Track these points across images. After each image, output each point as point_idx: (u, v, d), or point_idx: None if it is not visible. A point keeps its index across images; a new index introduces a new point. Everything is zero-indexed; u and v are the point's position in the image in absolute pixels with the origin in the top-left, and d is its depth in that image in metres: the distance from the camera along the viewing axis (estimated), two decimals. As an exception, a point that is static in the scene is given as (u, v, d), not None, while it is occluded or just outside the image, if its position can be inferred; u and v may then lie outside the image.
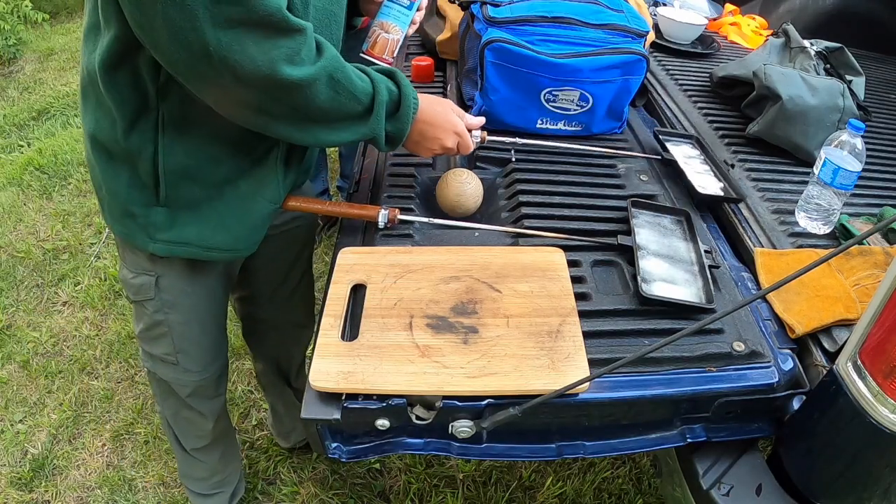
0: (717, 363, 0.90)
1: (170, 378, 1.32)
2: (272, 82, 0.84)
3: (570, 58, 1.26)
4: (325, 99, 0.91)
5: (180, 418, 1.42)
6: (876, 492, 0.84)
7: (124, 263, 1.18)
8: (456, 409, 0.84)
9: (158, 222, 1.05)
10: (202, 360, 1.30)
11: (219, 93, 0.88)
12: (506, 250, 1.05)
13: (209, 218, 1.06)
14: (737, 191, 1.19)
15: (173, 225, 1.05)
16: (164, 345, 1.25)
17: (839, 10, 2.14)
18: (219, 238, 1.09)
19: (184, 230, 1.06)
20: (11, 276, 2.52)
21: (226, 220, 1.07)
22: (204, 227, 1.07)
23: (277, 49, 0.83)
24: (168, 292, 1.17)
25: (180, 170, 1.00)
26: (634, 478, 1.81)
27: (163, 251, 1.08)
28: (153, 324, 1.22)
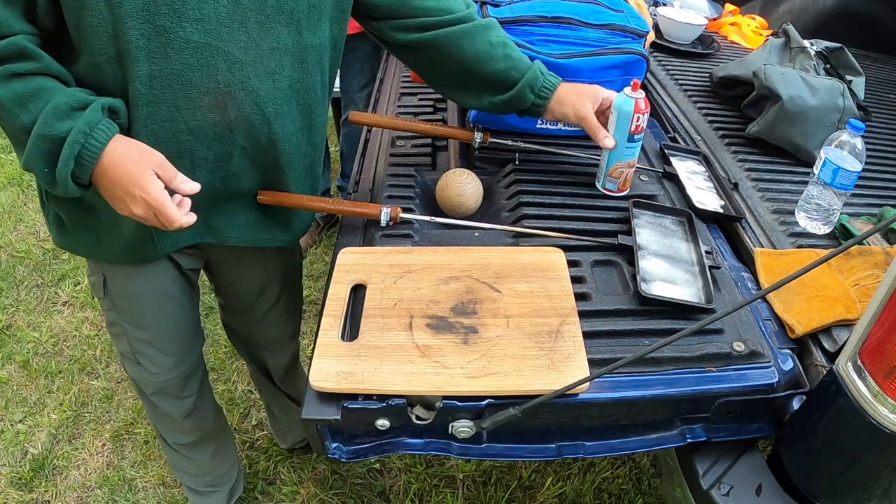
0: (717, 363, 0.90)
1: (135, 376, 1.33)
2: None
3: (570, 58, 1.26)
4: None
5: (154, 414, 1.43)
6: (876, 492, 0.84)
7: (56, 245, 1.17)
8: (456, 409, 0.84)
9: (51, 223, 1.09)
10: (162, 362, 1.28)
11: None
12: (506, 250, 1.05)
13: (86, 231, 1.06)
14: (737, 210, 1.19)
15: (61, 228, 1.08)
16: (123, 343, 1.26)
17: (839, 10, 2.14)
18: (101, 251, 1.09)
19: (69, 235, 1.08)
20: (11, 276, 2.52)
21: (100, 234, 1.06)
22: (83, 236, 1.08)
23: None
24: (116, 295, 1.18)
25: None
26: (634, 478, 1.81)
27: (60, 245, 1.12)
28: (110, 322, 1.25)
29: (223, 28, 0.89)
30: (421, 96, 1.57)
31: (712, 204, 1.21)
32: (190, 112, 0.93)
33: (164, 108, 0.92)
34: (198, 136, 0.96)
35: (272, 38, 0.94)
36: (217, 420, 1.53)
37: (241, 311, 1.41)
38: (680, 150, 1.38)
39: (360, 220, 1.15)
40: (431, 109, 1.51)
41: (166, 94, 0.91)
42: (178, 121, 0.93)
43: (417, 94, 1.58)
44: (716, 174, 1.30)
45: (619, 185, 1.19)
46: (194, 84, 0.91)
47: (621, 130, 1.12)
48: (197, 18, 0.87)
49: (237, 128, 0.98)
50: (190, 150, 0.97)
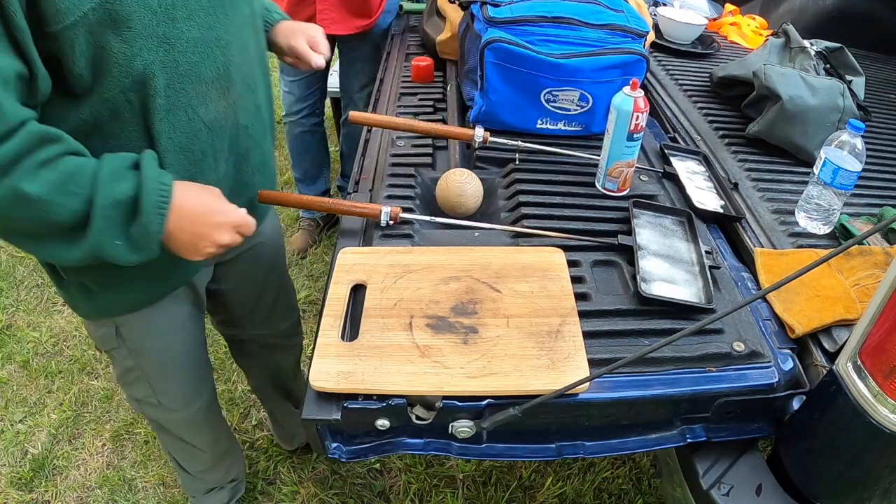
0: (717, 363, 0.90)
1: (158, 417, 1.30)
2: None
3: (570, 58, 1.26)
4: (28, 222, 0.78)
5: (178, 450, 1.42)
6: (876, 492, 0.84)
7: (86, 318, 1.13)
8: (456, 409, 0.84)
9: (76, 295, 1.03)
10: (184, 397, 1.28)
11: None
12: (506, 250, 1.05)
13: (115, 284, 1.02)
14: (737, 210, 1.19)
15: (89, 298, 1.03)
16: (142, 388, 1.22)
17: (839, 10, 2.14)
18: (135, 296, 1.06)
19: (102, 301, 1.04)
20: (11, 276, 2.52)
21: (133, 281, 1.02)
22: (119, 293, 1.04)
23: None
24: (131, 340, 1.13)
25: None
26: (634, 478, 1.81)
27: (93, 317, 1.08)
28: (126, 370, 1.19)
29: (209, 16, 0.91)
30: (421, 96, 1.57)
31: (712, 204, 1.21)
32: (203, 107, 0.94)
33: (182, 113, 0.92)
34: (214, 128, 0.97)
35: (239, 12, 0.98)
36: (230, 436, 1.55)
37: (248, 314, 1.40)
38: (680, 150, 1.38)
39: (360, 220, 1.15)
40: (431, 109, 1.51)
41: (181, 98, 0.90)
42: (196, 120, 0.94)
43: (417, 94, 1.58)
44: (716, 174, 1.30)
45: (618, 185, 1.19)
46: (202, 79, 0.92)
47: (620, 130, 1.12)
48: (186, 16, 0.87)
49: (238, 107, 1.01)
50: (210, 145, 0.98)
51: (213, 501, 1.60)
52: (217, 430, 1.44)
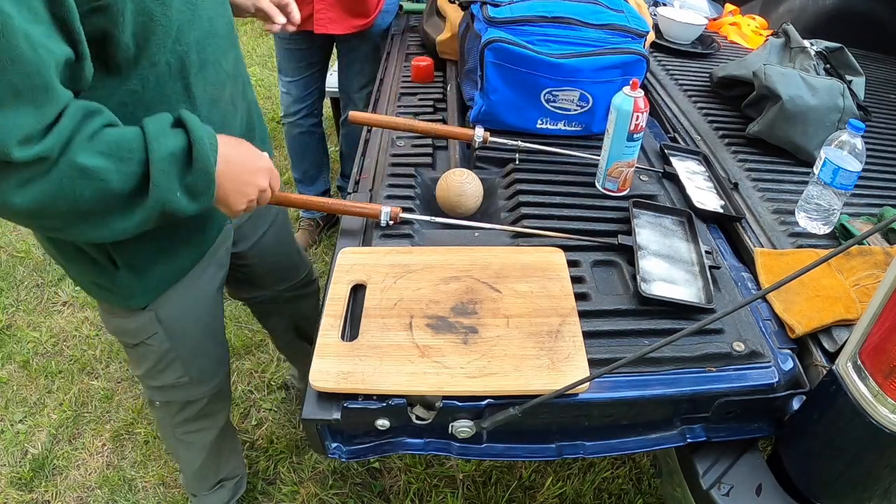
0: (717, 363, 0.90)
1: (184, 398, 1.32)
2: (12, 213, 0.77)
3: (570, 58, 1.26)
4: (88, 196, 0.79)
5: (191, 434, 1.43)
6: (876, 492, 0.84)
7: (112, 314, 1.14)
8: (456, 409, 0.84)
9: (127, 285, 1.05)
10: (212, 368, 1.31)
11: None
12: (506, 250, 1.05)
13: (166, 256, 1.06)
14: (737, 210, 1.19)
15: (143, 278, 1.05)
16: (175, 371, 1.23)
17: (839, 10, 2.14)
18: (191, 254, 1.11)
19: (152, 278, 1.07)
20: (11, 276, 2.52)
21: (183, 246, 1.08)
22: (167, 263, 1.07)
23: (6, 181, 0.74)
24: (169, 320, 1.15)
25: None
26: (634, 478, 1.81)
27: (143, 303, 1.10)
28: (161, 356, 1.20)
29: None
30: (421, 96, 1.57)
31: (712, 204, 1.21)
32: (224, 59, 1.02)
33: (211, 67, 0.98)
34: (232, 78, 1.05)
35: None
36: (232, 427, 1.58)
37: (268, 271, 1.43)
38: (680, 150, 1.38)
39: (360, 220, 1.15)
40: (431, 109, 1.51)
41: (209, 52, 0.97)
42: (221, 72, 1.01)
43: (417, 94, 1.58)
44: (716, 174, 1.30)
45: (618, 185, 1.19)
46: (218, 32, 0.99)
47: (620, 130, 1.12)
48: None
49: (238, 57, 1.09)
50: (231, 94, 1.05)
51: (215, 499, 1.60)
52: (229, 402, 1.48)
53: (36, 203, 0.75)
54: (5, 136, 0.70)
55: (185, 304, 1.16)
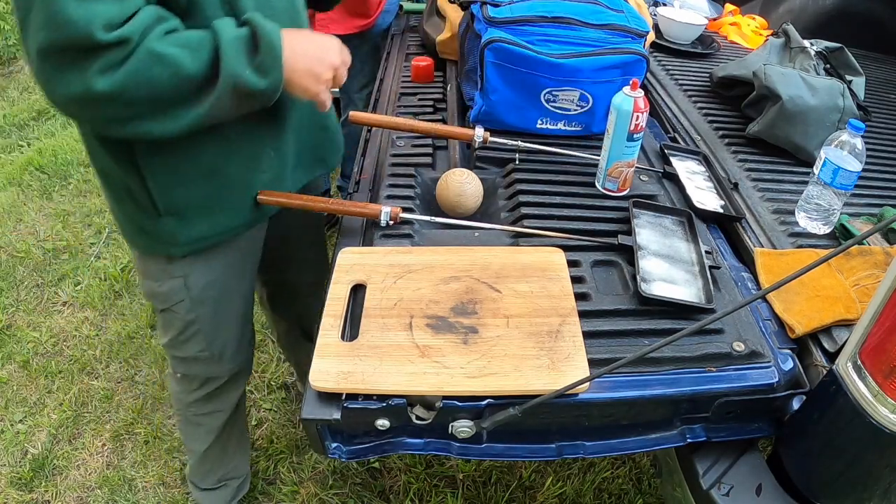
0: (717, 363, 0.90)
1: (203, 374, 1.34)
2: (93, 99, 0.83)
3: (570, 58, 1.26)
4: (164, 81, 0.85)
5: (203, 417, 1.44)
6: (876, 492, 0.84)
7: (146, 276, 1.19)
8: (456, 409, 0.84)
9: (170, 231, 1.08)
10: (234, 348, 1.33)
11: (74, 115, 0.91)
12: (506, 250, 1.05)
13: (213, 209, 1.08)
14: (737, 210, 1.19)
15: (184, 228, 1.08)
16: (198, 343, 1.26)
17: (839, 10, 2.14)
18: (231, 220, 1.12)
19: (195, 229, 1.09)
20: (11, 276, 2.52)
21: (231, 203, 1.10)
22: (212, 218, 1.09)
23: (89, 68, 0.80)
24: (197, 289, 1.18)
25: (163, 177, 1.02)
26: (634, 478, 1.81)
27: (184, 252, 1.11)
28: (185, 326, 1.23)
29: None
30: (421, 96, 1.57)
31: (712, 204, 1.21)
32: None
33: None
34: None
35: None
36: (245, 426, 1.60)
37: (291, 257, 1.44)
38: (680, 150, 1.38)
39: (360, 220, 1.15)
40: (431, 109, 1.51)
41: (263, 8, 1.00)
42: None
43: (417, 94, 1.58)
44: (716, 174, 1.30)
45: (618, 185, 1.19)
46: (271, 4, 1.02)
47: (620, 130, 1.12)
48: None
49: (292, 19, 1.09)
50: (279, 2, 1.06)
51: (217, 497, 1.61)
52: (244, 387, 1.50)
53: (116, 87, 0.82)
54: (90, 21, 0.78)
55: (213, 276, 1.18)
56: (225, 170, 1.06)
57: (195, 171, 1.03)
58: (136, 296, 2.42)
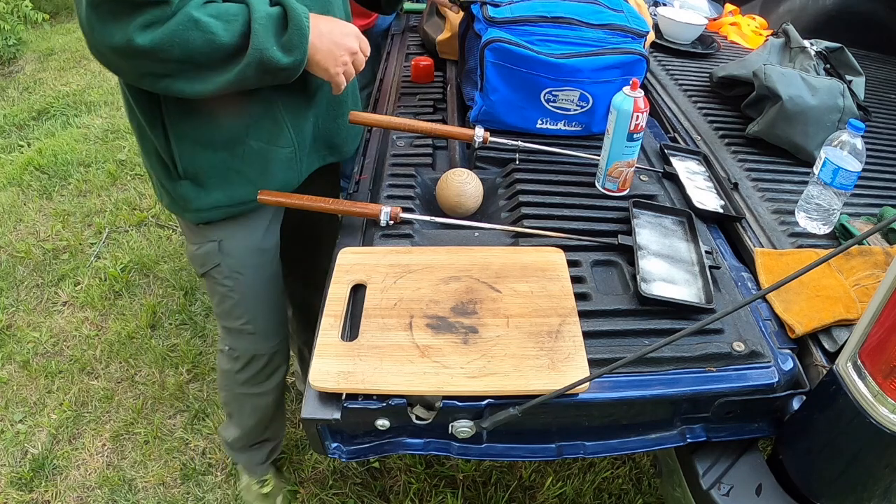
0: (717, 363, 0.90)
1: (249, 351, 1.38)
2: (132, 52, 0.89)
3: (570, 58, 1.26)
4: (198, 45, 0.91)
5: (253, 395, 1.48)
6: (876, 492, 0.84)
7: (188, 239, 1.26)
8: (456, 409, 0.84)
9: (186, 194, 1.13)
10: (276, 322, 1.38)
11: (112, 65, 0.94)
12: (506, 250, 1.05)
13: (231, 179, 1.13)
14: (737, 210, 1.19)
15: (200, 194, 1.13)
16: (239, 314, 1.32)
17: (839, 10, 2.14)
18: (247, 191, 1.15)
19: (211, 196, 1.14)
20: (11, 276, 2.52)
21: (248, 175, 1.14)
22: (229, 187, 1.14)
23: (132, 22, 0.87)
24: (232, 255, 1.24)
25: (188, 139, 1.08)
26: (634, 478, 1.81)
27: (195, 219, 1.17)
28: (225, 292, 1.29)
29: None
30: (421, 96, 1.57)
31: (712, 204, 1.21)
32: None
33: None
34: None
35: None
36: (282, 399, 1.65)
37: (308, 238, 1.47)
38: (680, 150, 1.38)
39: (360, 220, 1.15)
40: (431, 109, 1.51)
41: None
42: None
43: (417, 95, 1.58)
44: (716, 174, 1.30)
45: (618, 185, 1.19)
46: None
47: (620, 130, 1.12)
48: None
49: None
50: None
51: (252, 456, 1.66)
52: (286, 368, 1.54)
53: (154, 44, 0.88)
54: None
55: (246, 243, 1.24)
56: (245, 141, 1.10)
57: (217, 139, 1.09)
58: (136, 296, 2.42)
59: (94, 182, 3.08)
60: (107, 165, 3.19)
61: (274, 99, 1.10)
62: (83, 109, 3.80)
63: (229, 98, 1.04)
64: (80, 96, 3.94)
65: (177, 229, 2.75)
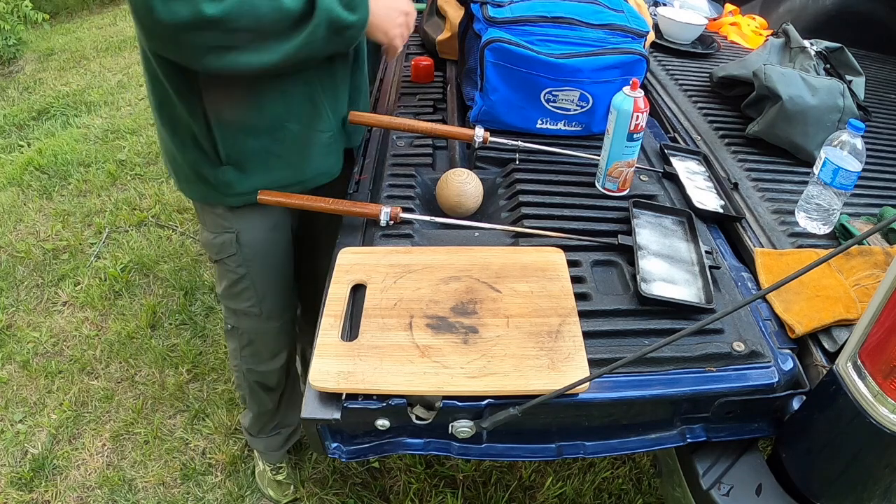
0: (717, 363, 0.90)
1: (254, 329, 1.42)
2: (201, 24, 0.90)
3: (570, 58, 1.26)
4: (266, 12, 0.93)
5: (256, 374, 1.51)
6: (876, 492, 0.84)
7: (205, 227, 1.29)
8: (456, 409, 0.84)
9: (229, 180, 1.16)
10: (281, 306, 1.41)
11: (173, 44, 0.95)
12: (506, 250, 1.05)
13: (273, 163, 1.16)
14: (737, 210, 1.19)
15: (242, 178, 1.16)
16: (247, 298, 1.35)
17: (839, 10, 2.14)
18: (287, 175, 1.18)
19: (252, 179, 1.16)
20: (11, 276, 2.52)
21: (289, 160, 1.17)
22: (271, 171, 1.17)
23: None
24: (248, 246, 1.27)
25: (229, 126, 1.10)
26: (634, 478, 1.81)
27: (239, 202, 1.19)
28: (237, 279, 1.32)
29: None
30: (421, 96, 1.57)
31: (712, 204, 1.21)
32: None
33: None
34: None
35: None
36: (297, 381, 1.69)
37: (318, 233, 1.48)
38: (680, 150, 1.38)
39: (360, 220, 1.15)
40: (431, 109, 1.51)
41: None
42: None
43: (417, 95, 1.58)
44: (716, 174, 1.30)
45: (618, 185, 1.19)
46: None
47: (620, 130, 1.12)
48: None
49: None
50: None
51: (270, 443, 1.68)
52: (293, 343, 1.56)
53: (223, 13, 0.90)
54: None
55: (262, 234, 1.28)
56: (287, 125, 1.13)
57: (260, 124, 1.11)
58: (136, 296, 2.42)
59: (94, 182, 3.08)
60: (107, 165, 3.19)
61: (314, 83, 1.12)
62: (83, 109, 3.80)
63: (270, 82, 1.07)
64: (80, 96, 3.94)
65: (177, 229, 2.75)
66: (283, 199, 1.13)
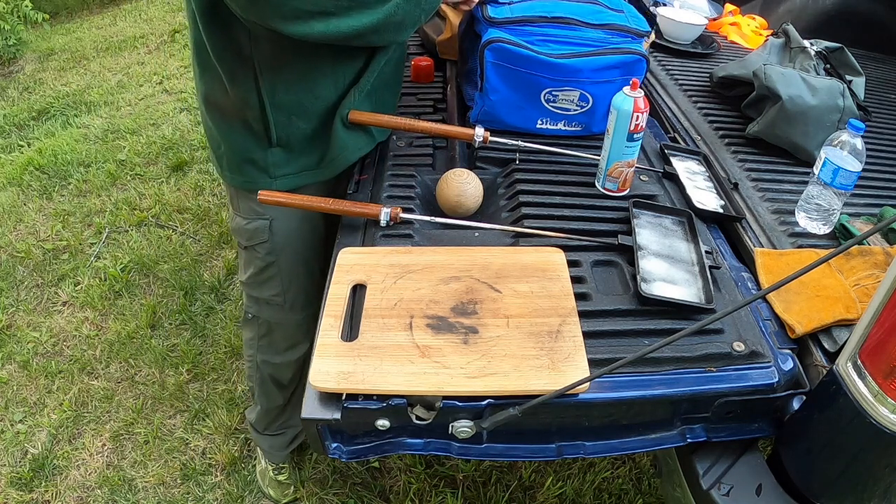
0: (717, 363, 0.90)
1: (275, 319, 1.42)
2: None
3: (570, 58, 1.26)
4: None
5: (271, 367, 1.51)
6: (876, 492, 0.84)
7: (237, 213, 1.30)
8: (456, 409, 0.84)
9: (277, 161, 1.20)
10: (305, 299, 1.41)
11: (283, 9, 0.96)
12: (506, 250, 1.05)
13: (316, 144, 1.20)
14: (737, 210, 1.19)
15: (290, 160, 1.20)
16: (273, 286, 1.36)
17: (839, 10, 2.14)
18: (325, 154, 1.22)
19: (299, 161, 1.21)
20: (11, 276, 2.52)
21: (329, 140, 1.20)
22: (315, 152, 1.21)
23: None
24: (280, 234, 1.29)
25: (284, 109, 1.14)
26: (634, 478, 1.81)
27: (285, 185, 1.22)
28: (264, 266, 1.34)
29: None
30: (421, 96, 1.57)
31: (712, 204, 1.21)
32: None
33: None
34: None
35: None
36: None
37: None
38: (680, 150, 1.38)
39: (360, 220, 1.15)
40: (431, 109, 1.51)
41: None
42: None
43: (417, 94, 1.58)
44: (716, 174, 1.30)
45: (618, 185, 1.20)
46: None
47: (620, 130, 1.12)
48: None
49: None
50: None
51: (276, 442, 1.68)
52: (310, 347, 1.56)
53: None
54: None
55: (295, 223, 1.30)
56: (334, 112, 1.17)
57: (313, 107, 1.16)
58: (136, 296, 2.42)
59: (94, 182, 3.08)
60: (107, 165, 3.19)
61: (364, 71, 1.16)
62: (83, 109, 3.80)
63: (323, 69, 1.12)
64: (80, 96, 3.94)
65: (177, 229, 2.75)
66: (283, 199, 1.13)
